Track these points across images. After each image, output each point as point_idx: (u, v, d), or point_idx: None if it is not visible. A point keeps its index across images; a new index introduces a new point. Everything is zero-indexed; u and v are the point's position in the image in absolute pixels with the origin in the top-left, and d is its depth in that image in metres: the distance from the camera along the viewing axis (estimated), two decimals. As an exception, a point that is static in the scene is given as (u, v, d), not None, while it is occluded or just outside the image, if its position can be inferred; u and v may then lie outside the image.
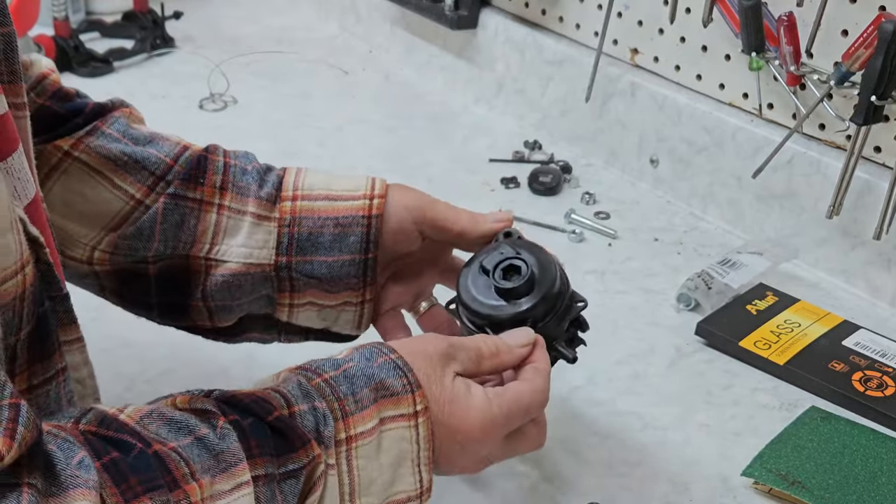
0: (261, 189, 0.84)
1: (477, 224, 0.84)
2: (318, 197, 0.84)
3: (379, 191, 0.84)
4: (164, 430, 0.60)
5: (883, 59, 1.02)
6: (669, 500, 0.88)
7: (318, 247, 0.83)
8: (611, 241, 1.24)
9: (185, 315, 0.87)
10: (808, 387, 1.01)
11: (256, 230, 0.83)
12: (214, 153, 0.85)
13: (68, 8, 1.59)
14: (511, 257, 0.79)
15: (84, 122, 0.84)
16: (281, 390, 0.65)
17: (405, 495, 0.68)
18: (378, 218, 0.83)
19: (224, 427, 0.61)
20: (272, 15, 1.82)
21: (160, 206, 0.83)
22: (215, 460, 0.59)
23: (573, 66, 1.39)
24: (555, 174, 1.32)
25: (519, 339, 0.76)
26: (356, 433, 0.66)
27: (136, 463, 0.56)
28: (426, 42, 1.59)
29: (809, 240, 1.19)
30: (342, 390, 0.66)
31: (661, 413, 0.97)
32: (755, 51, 1.16)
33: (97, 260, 0.85)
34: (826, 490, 0.86)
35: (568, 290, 0.81)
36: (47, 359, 0.65)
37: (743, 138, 1.23)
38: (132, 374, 0.99)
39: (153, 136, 0.85)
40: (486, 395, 0.71)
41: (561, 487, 0.88)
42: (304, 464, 0.63)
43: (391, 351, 0.70)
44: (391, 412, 0.67)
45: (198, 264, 0.84)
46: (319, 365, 0.68)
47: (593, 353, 1.06)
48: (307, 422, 0.64)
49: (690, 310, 1.11)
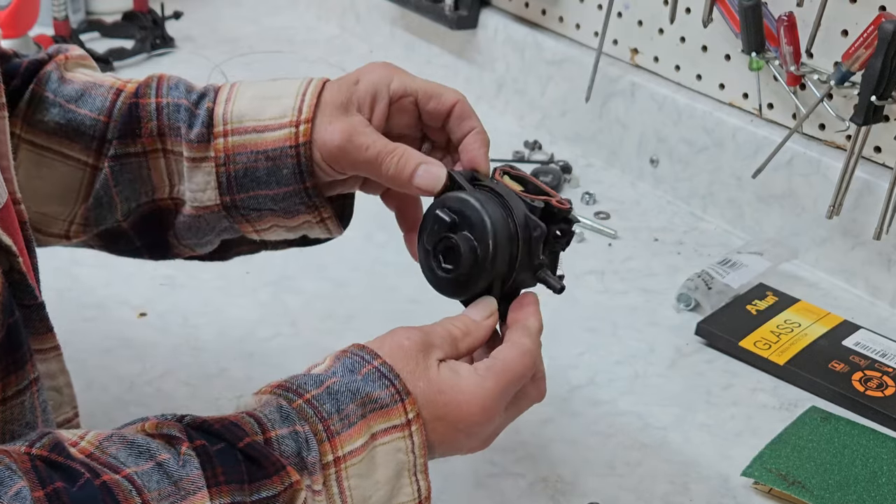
0: (190, 130, 0.80)
1: (399, 186, 0.77)
2: (246, 130, 0.79)
3: (305, 114, 0.78)
4: (124, 453, 0.57)
5: (883, 59, 1.02)
6: (669, 500, 0.88)
7: (256, 181, 0.79)
8: (611, 241, 1.24)
9: (169, 250, 0.85)
10: (808, 387, 1.01)
11: (195, 174, 0.80)
12: (145, 96, 0.81)
13: (68, 8, 1.59)
14: (442, 238, 0.73)
15: (22, 83, 0.81)
16: (256, 414, 0.63)
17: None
18: (306, 146, 0.77)
19: (187, 453, 0.58)
20: (272, 15, 1.82)
21: (107, 171, 0.81)
22: (175, 487, 0.57)
23: (573, 66, 1.39)
24: (555, 174, 1.32)
25: (483, 312, 0.73)
26: (344, 453, 0.63)
27: (79, 494, 0.54)
28: (426, 42, 1.59)
29: (809, 240, 1.19)
30: (326, 409, 0.64)
31: (661, 413, 0.97)
32: (755, 51, 1.16)
33: (73, 233, 0.84)
34: (826, 490, 0.86)
35: (519, 228, 0.73)
36: (20, 369, 0.64)
37: (743, 138, 1.23)
38: (132, 375, 0.99)
39: (85, 89, 0.82)
40: (477, 372, 0.69)
41: (561, 487, 0.88)
42: (278, 491, 0.60)
43: (374, 357, 0.67)
44: (382, 425, 0.65)
45: (167, 204, 0.83)
46: (301, 383, 0.66)
47: (593, 353, 1.06)
48: (286, 447, 0.62)
49: (690, 310, 1.11)
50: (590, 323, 1.10)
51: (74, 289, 1.10)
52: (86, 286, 1.10)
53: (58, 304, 1.08)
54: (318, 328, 1.07)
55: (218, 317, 1.07)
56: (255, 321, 1.07)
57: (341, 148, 0.77)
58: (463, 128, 0.80)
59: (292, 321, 1.07)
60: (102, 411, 0.93)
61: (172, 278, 1.11)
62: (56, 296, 1.09)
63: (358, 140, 0.77)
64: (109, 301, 1.08)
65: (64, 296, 1.07)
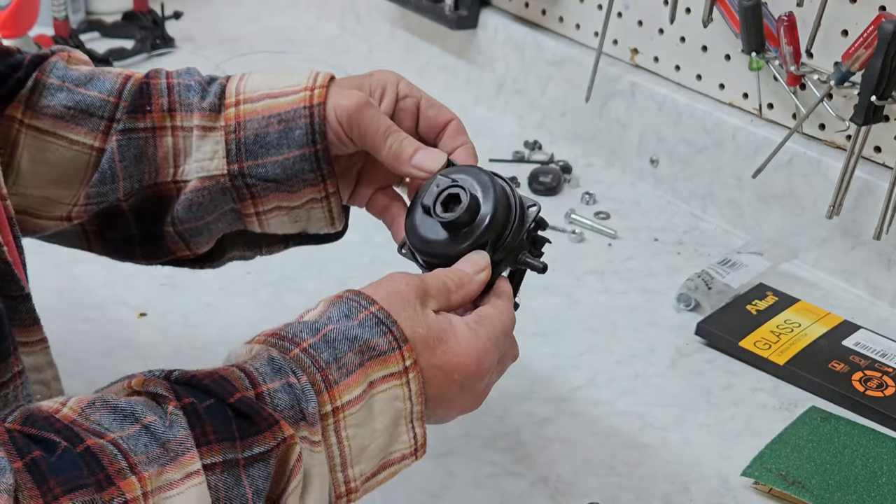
0: (203, 100, 0.81)
1: (397, 165, 0.79)
2: (260, 97, 0.81)
3: (321, 81, 0.80)
4: (108, 419, 0.56)
5: (883, 59, 1.02)
6: (669, 500, 0.88)
7: (266, 147, 0.80)
8: (611, 241, 1.24)
9: (163, 245, 0.85)
10: (808, 387, 1.01)
11: (204, 142, 0.81)
12: (156, 77, 0.83)
13: (68, 8, 1.59)
14: (447, 187, 0.75)
15: (24, 75, 0.82)
16: (247, 368, 0.61)
17: (400, 454, 0.66)
18: (321, 107, 0.79)
19: (174, 412, 0.57)
20: (272, 15, 1.82)
21: (115, 145, 0.81)
22: (163, 448, 0.56)
23: (573, 66, 1.39)
24: (555, 174, 1.32)
25: (477, 264, 0.73)
26: (343, 403, 0.63)
27: (58, 463, 0.53)
28: (426, 42, 1.59)
29: (809, 240, 1.19)
30: (324, 358, 0.63)
31: (661, 413, 0.98)
32: (755, 51, 1.16)
33: (75, 214, 0.84)
34: (826, 490, 0.86)
35: (516, 200, 0.77)
36: (4, 361, 0.63)
37: (743, 138, 1.23)
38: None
39: (93, 74, 0.83)
40: (469, 324, 0.69)
41: (561, 487, 0.88)
42: (271, 446, 0.59)
43: (371, 303, 0.66)
44: (380, 373, 0.64)
45: (168, 189, 0.82)
46: (297, 331, 0.65)
47: (594, 353, 1.06)
48: (279, 401, 0.61)
49: (690, 310, 1.11)
50: (590, 323, 1.10)
51: (74, 289, 1.10)
52: (86, 286, 1.10)
53: (58, 304, 1.09)
54: (318, 328, 1.07)
55: (218, 317, 1.07)
56: (256, 321, 1.06)
57: (354, 114, 0.79)
58: (455, 142, 0.83)
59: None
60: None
61: (172, 278, 1.11)
62: (56, 296, 1.10)
63: (369, 111, 0.79)
64: (109, 301, 1.08)
65: (64, 296, 1.07)
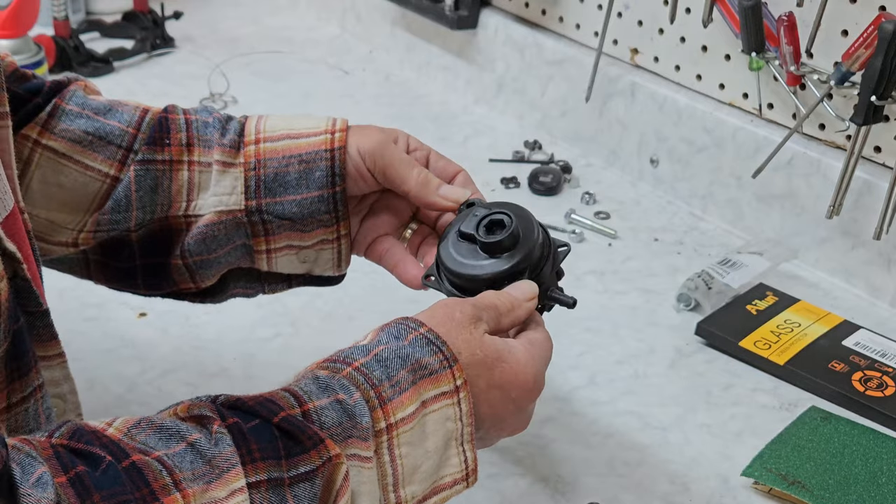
0: (223, 137, 0.83)
1: (425, 193, 0.82)
2: (280, 137, 0.83)
3: (340, 126, 0.83)
4: (153, 438, 0.57)
5: (883, 59, 1.02)
6: (669, 500, 0.88)
7: (285, 186, 0.82)
8: (611, 241, 1.24)
9: (167, 277, 0.85)
10: (808, 387, 1.01)
11: (223, 178, 0.82)
12: (174, 112, 0.85)
13: (68, 8, 1.59)
14: (491, 213, 0.78)
15: (43, 101, 0.83)
16: (292, 389, 0.62)
17: (451, 479, 0.66)
18: (341, 150, 0.82)
19: (219, 431, 0.58)
20: (272, 15, 1.82)
21: (132, 175, 0.82)
22: (209, 466, 0.56)
23: (573, 66, 1.39)
24: (555, 174, 1.32)
25: (526, 293, 0.75)
26: (397, 420, 0.63)
27: (102, 478, 0.54)
28: (426, 42, 1.59)
29: (809, 240, 1.19)
30: (376, 376, 0.63)
31: (661, 413, 0.98)
32: (755, 51, 1.16)
33: (82, 240, 0.84)
34: (826, 490, 0.86)
35: (549, 237, 0.80)
36: (25, 376, 0.64)
37: (743, 138, 1.23)
38: (132, 375, 0.99)
39: (112, 105, 0.85)
40: (524, 345, 0.71)
41: (561, 487, 0.88)
42: (317, 465, 0.59)
43: (419, 325, 0.67)
44: (432, 392, 0.65)
45: (178, 223, 0.84)
46: (348, 354, 0.66)
47: (593, 353, 1.06)
48: (326, 418, 0.61)
49: (690, 310, 1.11)
50: (590, 323, 1.10)
51: (75, 289, 1.10)
52: (86, 286, 1.09)
53: (59, 303, 1.08)
54: (318, 328, 1.07)
55: (218, 317, 1.07)
56: (255, 321, 1.07)
57: (378, 149, 0.82)
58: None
59: (292, 321, 1.07)
60: (104, 411, 0.93)
61: (173, 278, 1.11)
62: (57, 295, 1.09)
63: (391, 147, 0.82)
64: (110, 301, 1.08)
65: (65, 296, 1.07)
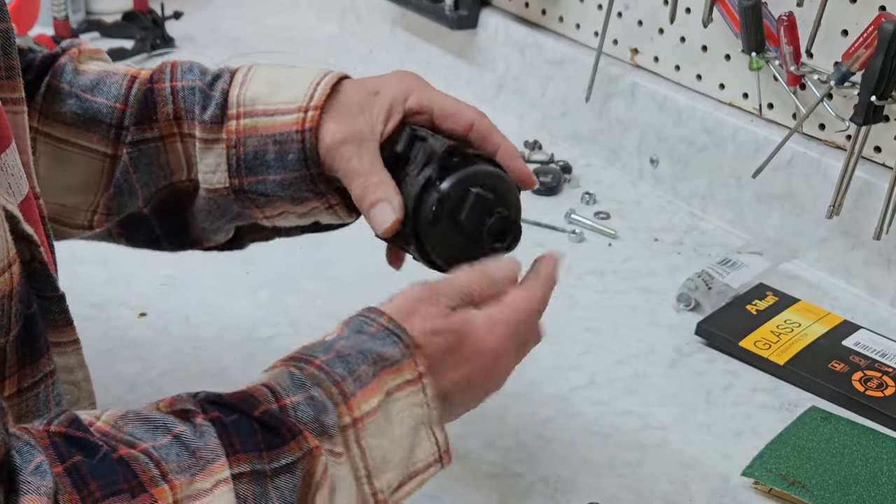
0: (204, 112, 0.81)
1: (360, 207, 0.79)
2: (258, 112, 0.80)
3: (316, 101, 0.79)
4: (140, 430, 0.58)
5: (883, 59, 1.02)
6: (669, 500, 0.88)
7: (265, 165, 0.80)
8: (611, 241, 1.24)
9: (188, 233, 0.85)
10: (808, 387, 1.01)
11: (206, 155, 0.81)
12: (160, 80, 0.83)
13: (68, 8, 1.59)
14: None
15: (35, 77, 0.82)
16: (270, 384, 0.63)
17: (424, 462, 0.67)
18: (312, 132, 0.78)
19: (203, 424, 0.58)
20: (272, 15, 1.82)
21: (126, 159, 0.82)
22: (194, 458, 0.57)
23: (573, 66, 1.39)
24: (555, 174, 1.32)
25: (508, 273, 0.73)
26: (361, 414, 0.64)
27: (98, 467, 0.54)
28: (426, 42, 1.59)
29: (809, 240, 1.19)
30: (338, 372, 0.64)
31: (661, 413, 0.98)
32: (755, 51, 1.16)
33: (97, 222, 0.85)
34: (826, 490, 0.86)
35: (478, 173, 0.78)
36: (36, 361, 0.64)
37: (743, 138, 1.23)
38: (132, 375, 0.99)
39: (100, 78, 0.83)
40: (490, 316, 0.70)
41: (561, 487, 0.88)
42: (297, 457, 0.60)
43: (380, 315, 0.68)
44: (395, 381, 0.65)
45: (184, 186, 0.83)
46: (311, 352, 0.66)
47: (593, 353, 1.06)
48: (302, 413, 0.62)
49: (690, 310, 1.11)
50: (590, 323, 1.10)
51: (75, 288, 1.08)
52: (86, 286, 1.10)
53: (58, 303, 1.09)
54: (318, 328, 1.05)
55: (218, 317, 1.07)
56: (256, 321, 1.07)
57: (332, 148, 0.78)
58: (488, 148, 0.81)
59: (292, 321, 1.07)
60: (103, 411, 0.93)
61: (172, 278, 1.11)
62: (56, 296, 1.10)
63: (346, 150, 0.78)
64: (109, 301, 1.08)
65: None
